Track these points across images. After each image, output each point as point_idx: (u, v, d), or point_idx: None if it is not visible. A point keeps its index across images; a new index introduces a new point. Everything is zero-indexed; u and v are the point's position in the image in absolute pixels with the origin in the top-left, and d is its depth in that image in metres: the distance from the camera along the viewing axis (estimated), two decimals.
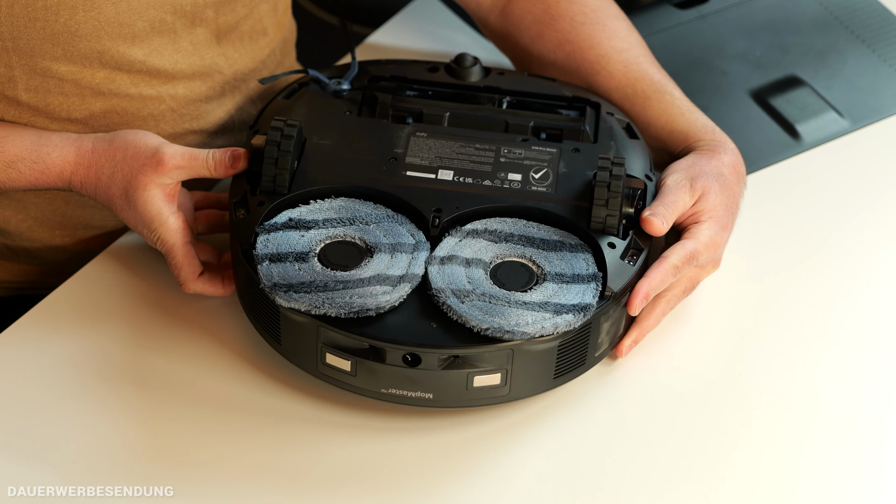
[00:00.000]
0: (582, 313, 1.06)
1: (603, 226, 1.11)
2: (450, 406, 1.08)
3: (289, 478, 1.07)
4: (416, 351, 1.04)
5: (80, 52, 1.15)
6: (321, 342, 1.06)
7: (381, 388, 1.07)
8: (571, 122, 1.20)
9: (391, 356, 1.05)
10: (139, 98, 1.20)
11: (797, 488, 1.07)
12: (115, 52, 1.16)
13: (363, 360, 1.05)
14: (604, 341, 1.10)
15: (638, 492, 1.07)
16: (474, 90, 1.23)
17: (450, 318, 1.06)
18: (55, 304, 1.19)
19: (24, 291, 1.31)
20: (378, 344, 1.05)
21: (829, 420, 1.12)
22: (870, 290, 1.22)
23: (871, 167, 1.34)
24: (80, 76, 1.16)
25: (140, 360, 1.15)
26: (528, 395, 1.09)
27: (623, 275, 1.09)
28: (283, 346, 1.10)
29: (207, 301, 1.18)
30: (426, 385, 1.06)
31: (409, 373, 1.05)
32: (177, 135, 1.24)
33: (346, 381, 1.08)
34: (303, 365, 1.10)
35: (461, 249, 1.10)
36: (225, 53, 1.25)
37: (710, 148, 1.20)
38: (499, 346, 1.04)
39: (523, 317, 1.05)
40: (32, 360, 1.15)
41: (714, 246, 1.15)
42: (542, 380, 1.08)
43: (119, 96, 1.19)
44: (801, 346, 1.17)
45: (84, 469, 1.07)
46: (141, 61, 1.18)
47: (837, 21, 1.47)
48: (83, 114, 1.18)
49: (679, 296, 1.15)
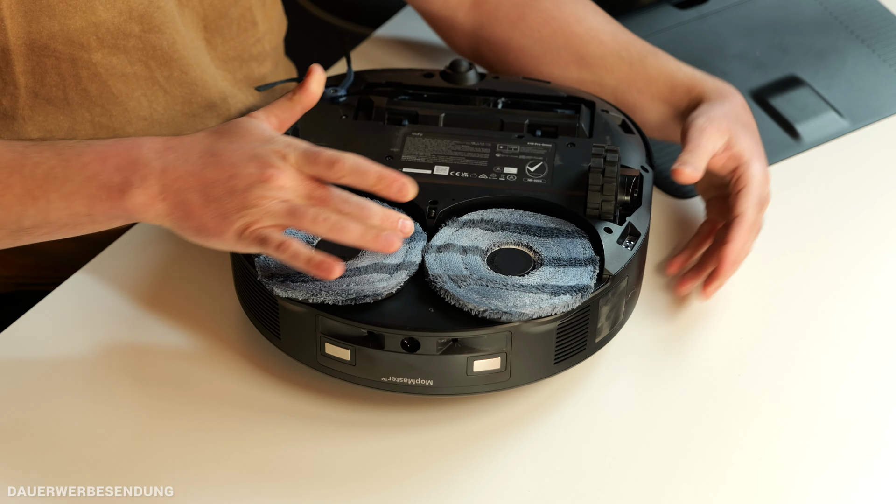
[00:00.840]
0: (580, 294, 1.06)
1: (599, 212, 1.11)
2: (451, 393, 1.08)
3: (290, 476, 1.07)
4: (414, 335, 1.05)
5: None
6: (320, 332, 1.07)
7: (380, 376, 1.07)
8: (566, 119, 1.21)
9: (390, 342, 1.05)
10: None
11: (797, 488, 1.07)
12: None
13: (362, 347, 1.05)
14: (604, 326, 1.10)
15: (638, 489, 1.07)
16: (469, 93, 1.24)
17: (447, 303, 1.06)
18: (55, 303, 1.19)
19: (23, 287, 1.31)
20: (376, 330, 1.05)
21: (830, 420, 1.12)
22: (870, 289, 1.22)
23: (871, 167, 1.34)
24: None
25: (141, 360, 1.15)
26: (529, 380, 1.09)
27: (620, 258, 1.09)
28: (283, 341, 1.10)
29: (208, 301, 1.18)
30: (426, 371, 1.06)
31: (409, 359, 1.05)
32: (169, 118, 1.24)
33: (345, 372, 1.08)
34: (302, 358, 1.10)
35: (458, 238, 1.10)
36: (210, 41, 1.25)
37: (718, 94, 1.22)
38: (497, 329, 1.05)
39: (521, 298, 1.05)
40: (32, 360, 1.14)
41: (767, 181, 1.17)
42: (542, 365, 1.08)
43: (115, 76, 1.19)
44: (801, 346, 1.17)
45: (84, 469, 1.07)
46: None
47: (837, 21, 1.47)
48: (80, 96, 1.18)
49: (754, 239, 1.18)
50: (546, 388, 1.13)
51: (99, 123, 1.21)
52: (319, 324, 1.06)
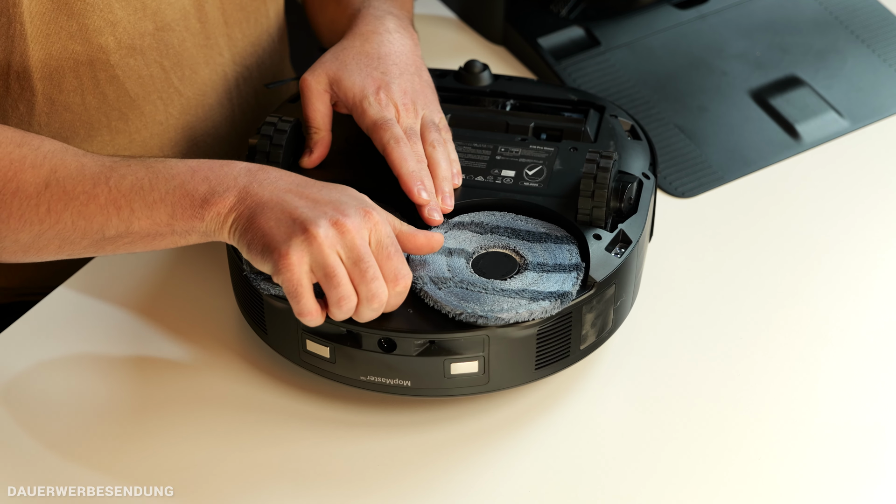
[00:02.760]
0: (559, 300, 1.06)
1: (589, 218, 1.11)
2: (428, 395, 1.08)
3: (289, 476, 1.07)
4: (391, 336, 1.05)
5: None
6: (301, 329, 1.07)
7: (359, 374, 1.07)
8: (572, 123, 1.21)
9: (367, 341, 1.05)
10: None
11: (797, 488, 1.07)
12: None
13: (341, 345, 1.06)
14: (589, 334, 1.09)
15: (638, 490, 1.07)
16: (480, 94, 1.24)
17: (427, 304, 1.06)
18: (54, 304, 1.19)
19: (23, 297, 1.30)
20: (354, 329, 1.05)
21: (830, 420, 1.12)
22: (870, 290, 1.22)
23: (871, 167, 1.34)
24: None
25: (141, 360, 1.15)
26: (509, 385, 1.09)
27: (607, 266, 1.08)
28: (269, 336, 1.10)
29: (208, 302, 1.19)
30: (403, 372, 1.06)
31: (386, 359, 1.05)
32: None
33: (326, 369, 1.08)
34: (287, 354, 1.10)
35: (446, 240, 1.10)
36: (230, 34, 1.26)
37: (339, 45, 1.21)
38: (474, 333, 1.04)
39: (499, 303, 1.05)
40: (32, 360, 1.15)
41: (380, 89, 1.17)
42: (522, 370, 1.08)
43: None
44: (800, 346, 1.17)
45: (84, 469, 1.07)
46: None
47: (837, 21, 1.47)
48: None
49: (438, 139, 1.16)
50: (545, 388, 1.13)
51: (116, 128, 1.21)
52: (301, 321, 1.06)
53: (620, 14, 1.47)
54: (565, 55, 1.43)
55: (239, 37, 1.27)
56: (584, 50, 1.44)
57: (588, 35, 1.45)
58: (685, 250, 1.25)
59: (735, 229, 1.27)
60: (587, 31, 1.46)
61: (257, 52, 1.30)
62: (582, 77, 1.41)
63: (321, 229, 1.01)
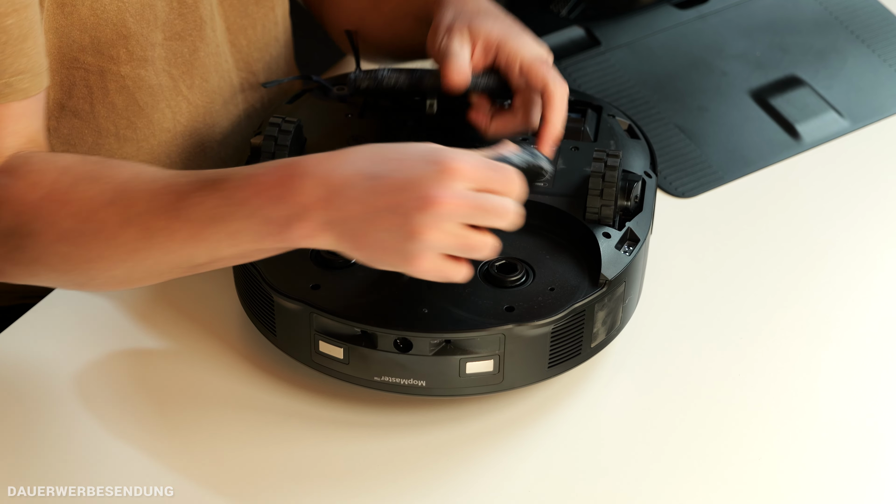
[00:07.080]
0: None
1: (598, 216, 1.11)
2: (443, 394, 1.08)
3: (290, 476, 1.07)
4: (407, 336, 1.05)
5: None
6: (314, 329, 1.07)
7: (373, 375, 1.07)
8: (571, 123, 1.21)
9: (382, 342, 1.05)
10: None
11: (797, 488, 1.07)
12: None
13: (355, 346, 1.06)
14: (600, 331, 1.10)
15: (638, 490, 1.07)
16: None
17: (441, 304, 1.06)
18: (54, 304, 1.19)
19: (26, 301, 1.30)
20: (369, 329, 1.05)
21: (830, 420, 1.12)
22: (870, 290, 1.22)
23: (871, 167, 1.34)
24: None
25: (141, 359, 1.15)
26: (523, 384, 1.09)
27: (618, 263, 1.09)
28: (279, 338, 1.10)
29: (206, 300, 1.19)
30: (418, 372, 1.06)
31: (401, 359, 1.05)
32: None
33: (339, 370, 1.08)
34: (297, 355, 1.10)
35: None
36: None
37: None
38: (491, 331, 1.05)
39: None
40: (32, 360, 1.15)
41: (531, 43, 1.16)
42: (536, 369, 1.08)
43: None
44: (801, 346, 1.17)
45: (84, 469, 1.07)
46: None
47: (837, 21, 1.47)
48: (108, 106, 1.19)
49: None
50: (546, 389, 1.13)
51: (124, 136, 1.21)
52: (314, 322, 1.06)
53: (620, 14, 1.47)
54: (565, 55, 1.43)
55: (244, 43, 1.27)
56: (584, 50, 1.44)
57: (588, 35, 1.45)
58: (685, 250, 1.25)
59: (735, 229, 1.27)
60: (587, 31, 1.46)
61: (264, 58, 1.30)
62: (582, 77, 1.41)
63: (423, 219, 0.96)
